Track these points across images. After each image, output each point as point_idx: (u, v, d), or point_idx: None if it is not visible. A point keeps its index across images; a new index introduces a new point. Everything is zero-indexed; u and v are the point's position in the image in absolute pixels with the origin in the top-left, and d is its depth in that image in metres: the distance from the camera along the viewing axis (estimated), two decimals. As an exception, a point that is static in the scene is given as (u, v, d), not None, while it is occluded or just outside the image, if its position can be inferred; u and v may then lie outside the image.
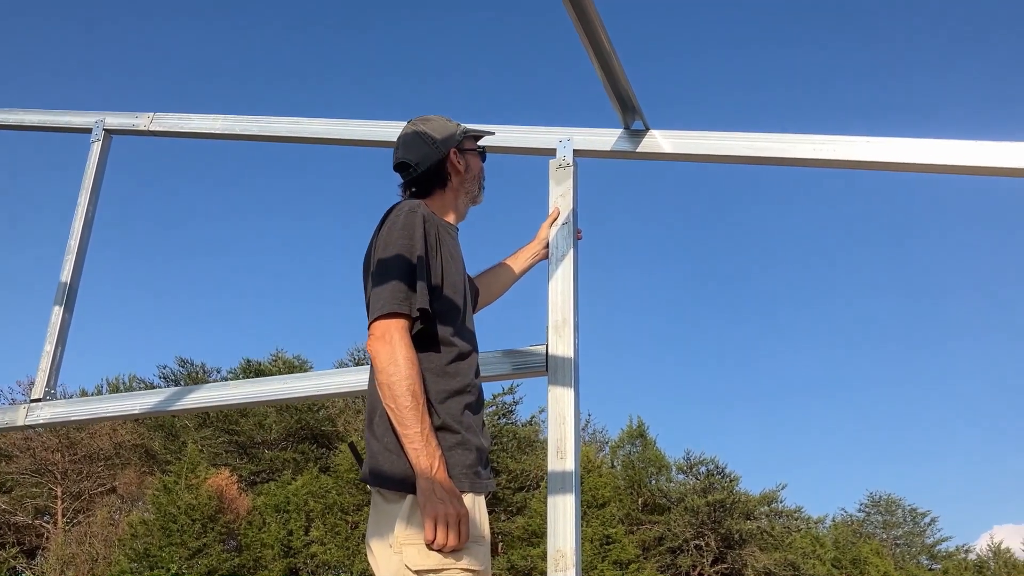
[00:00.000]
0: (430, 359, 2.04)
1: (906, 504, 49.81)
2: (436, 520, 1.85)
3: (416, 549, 1.88)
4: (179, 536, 27.25)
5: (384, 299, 1.98)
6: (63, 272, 3.22)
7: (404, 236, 2.05)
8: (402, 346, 1.93)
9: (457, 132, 2.34)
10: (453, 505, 1.87)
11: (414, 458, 1.90)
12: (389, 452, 1.96)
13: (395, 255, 2.03)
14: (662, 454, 38.07)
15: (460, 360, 2.08)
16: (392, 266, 2.02)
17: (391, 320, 1.96)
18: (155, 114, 3.37)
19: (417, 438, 1.89)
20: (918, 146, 2.33)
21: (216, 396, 2.90)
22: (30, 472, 31.79)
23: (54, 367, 3.10)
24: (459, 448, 2.00)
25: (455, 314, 2.11)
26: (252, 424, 33.62)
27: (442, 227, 2.19)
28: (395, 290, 1.98)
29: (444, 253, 2.13)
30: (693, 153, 2.57)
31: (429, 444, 1.89)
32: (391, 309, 1.96)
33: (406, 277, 2.00)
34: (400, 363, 1.92)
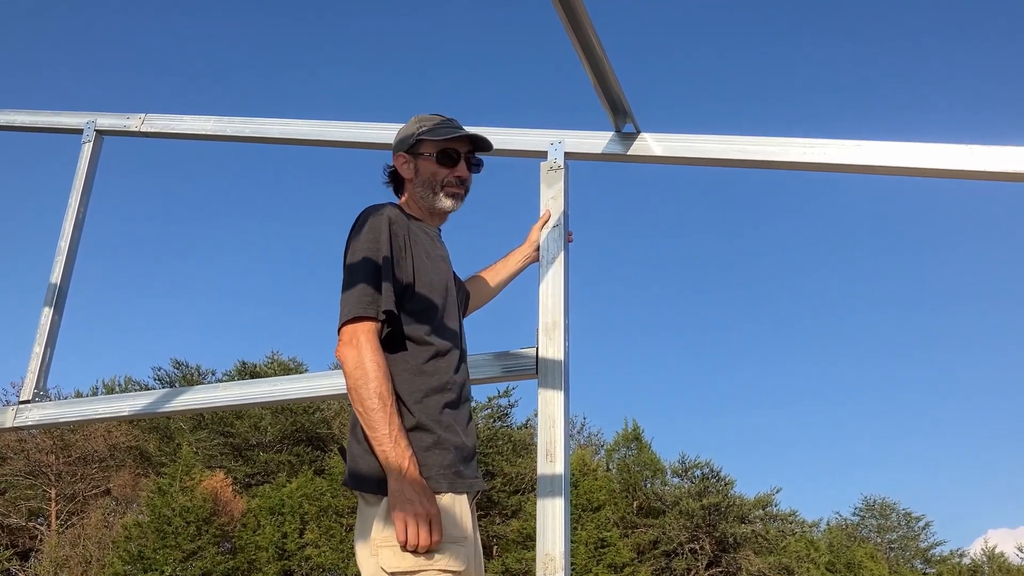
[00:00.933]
0: (405, 359, 2.05)
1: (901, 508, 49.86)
2: (405, 520, 1.86)
3: (391, 551, 1.89)
4: (174, 538, 27.17)
5: (350, 303, 2.00)
6: (53, 274, 3.21)
7: (369, 239, 2.06)
8: (368, 349, 1.94)
9: (413, 135, 2.33)
10: (423, 505, 1.87)
11: (383, 459, 1.91)
12: (367, 455, 1.96)
13: (361, 258, 2.04)
14: (657, 457, 38.03)
15: (438, 358, 2.08)
16: (358, 270, 2.03)
17: (358, 324, 1.97)
18: (146, 115, 3.37)
19: (385, 440, 1.90)
20: (908, 150, 2.33)
21: (206, 398, 2.89)
22: (24, 474, 31.67)
23: (43, 369, 3.09)
24: (436, 448, 2.00)
25: (431, 312, 2.11)
26: (247, 426, 33.53)
27: (415, 227, 2.20)
28: (361, 294, 1.99)
29: (417, 252, 2.13)
30: (684, 156, 2.58)
31: (398, 445, 1.90)
32: (356, 313, 1.98)
33: (372, 280, 2.01)
34: (366, 367, 1.93)
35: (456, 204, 2.32)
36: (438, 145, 2.29)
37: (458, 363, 2.15)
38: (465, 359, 2.24)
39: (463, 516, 1.99)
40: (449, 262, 2.29)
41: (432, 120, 2.34)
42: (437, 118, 2.35)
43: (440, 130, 2.30)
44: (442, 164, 2.29)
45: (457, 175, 2.30)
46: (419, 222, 2.26)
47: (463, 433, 2.09)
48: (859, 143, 2.39)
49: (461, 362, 2.18)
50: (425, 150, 2.31)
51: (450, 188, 2.29)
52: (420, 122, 2.35)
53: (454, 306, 2.22)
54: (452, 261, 2.47)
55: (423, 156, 2.31)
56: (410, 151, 2.33)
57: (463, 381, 2.16)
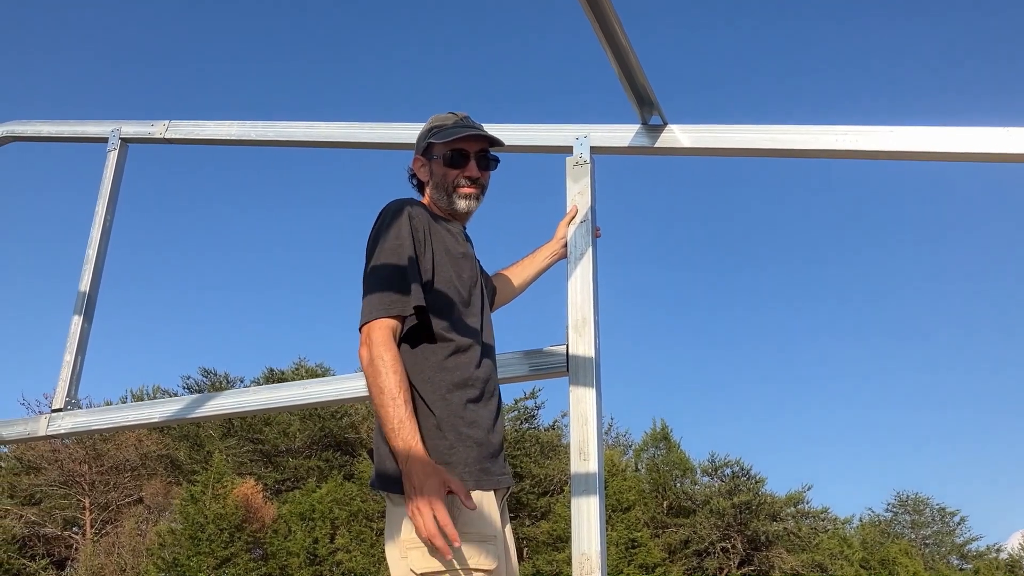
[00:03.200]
0: (425, 355, 2.04)
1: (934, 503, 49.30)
2: (413, 512, 1.82)
3: (421, 552, 1.86)
4: (207, 545, 27.39)
5: (371, 304, 1.99)
6: (81, 282, 3.22)
7: (390, 236, 2.06)
8: (380, 346, 1.93)
9: (424, 137, 2.32)
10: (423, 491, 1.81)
11: (393, 448, 1.89)
12: (392, 455, 1.94)
13: (382, 258, 2.03)
14: (686, 456, 37.86)
15: (459, 354, 2.07)
16: (379, 270, 2.03)
17: (373, 324, 1.97)
18: (171, 122, 3.37)
19: (391, 433, 1.88)
20: (944, 135, 2.28)
21: (235, 403, 2.89)
22: (58, 484, 32.05)
23: (74, 377, 3.10)
24: (460, 445, 1.98)
25: (449, 308, 2.09)
26: (276, 433, 33.75)
27: (436, 223, 2.17)
28: (381, 295, 1.99)
29: (437, 248, 2.12)
30: (712, 147, 2.53)
31: (400, 434, 1.87)
32: (375, 315, 1.97)
33: (394, 279, 2.00)
34: (376, 364, 1.92)
35: (470, 204, 2.28)
36: (446, 147, 2.27)
37: (480, 358, 2.12)
38: (491, 355, 2.20)
39: (492, 513, 1.96)
40: (473, 259, 2.26)
41: (444, 120, 2.32)
42: (450, 118, 2.32)
43: (448, 131, 2.27)
44: (451, 166, 2.26)
45: (467, 175, 2.26)
46: (443, 219, 2.24)
47: (489, 429, 2.06)
48: (892, 129, 2.34)
49: (484, 357, 2.14)
50: (436, 152, 2.29)
51: (462, 189, 2.26)
52: (433, 123, 2.34)
53: (478, 302, 2.20)
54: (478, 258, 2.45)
55: (435, 158, 2.29)
56: (424, 154, 2.33)
57: (487, 376, 2.12)
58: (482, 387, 2.09)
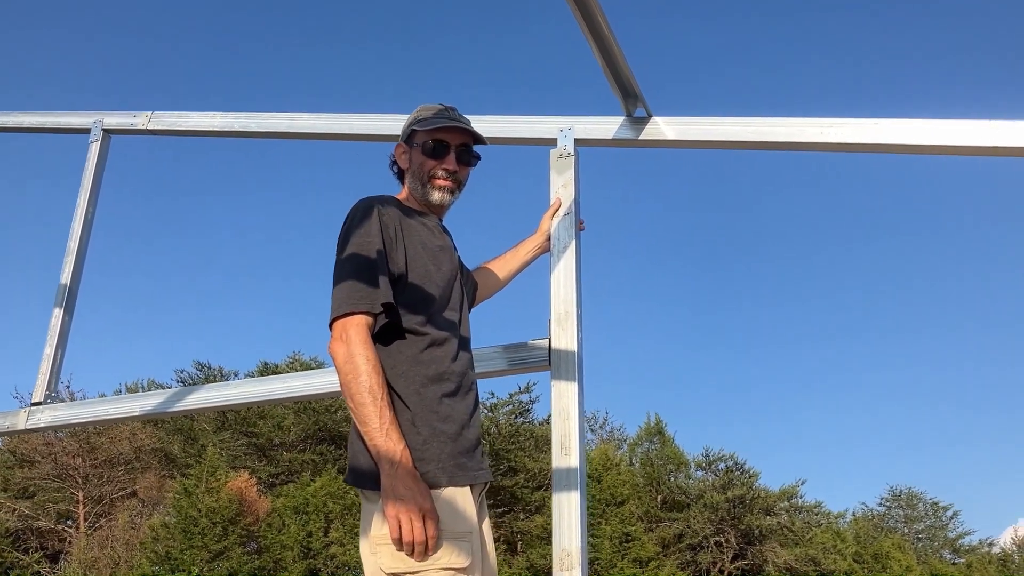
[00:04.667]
0: (400, 349, 2.02)
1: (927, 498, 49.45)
2: (398, 516, 1.81)
3: (390, 550, 1.85)
4: (200, 539, 27.38)
5: (340, 299, 1.96)
6: (63, 274, 3.19)
7: (359, 233, 2.03)
8: (357, 343, 1.91)
9: (409, 125, 2.30)
10: (415, 500, 1.82)
11: (374, 453, 1.87)
12: (366, 451, 1.92)
13: (351, 253, 2.01)
14: (680, 451, 37.91)
15: (434, 347, 2.04)
16: (348, 264, 2.00)
17: (347, 319, 1.94)
18: (153, 113, 3.34)
19: (376, 434, 1.86)
20: (928, 127, 2.26)
21: (219, 396, 2.86)
22: (52, 477, 32.03)
23: (54, 370, 3.07)
24: (434, 440, 1.95)
25: (426, 303, 2.07)
26: (270, 426, 33.70)
27: (409, 216, 2.15)
28: (351, 288, 1.96)
29: (411, 242, 2.09)
30: (697, 139, 2.51)
31: (389, 438, 1.86)
32: (346, 309, 1.94)
33: (364, 274, 1.98)
34: (355, 361, 1.89)
35: (444, 197, 2.24)
36: (427, 136, 2.24)
37: (456, 352, 2.09)
38: (467, 348, 2.18)
39: (466, 509, 1.94)
40: (452, 251, 2.23)
41: (430, 109, 2.29)
42: (436, 108, 2.30)
43: (432, 120, 2.24)
44: (430, 155, 2.23)
45: (445, 167, 2.23)
46: (418, 213, 2.22)
47: (464, 424, 2.03)
48: (876, 121, 2.32)
49: (461, 351, 2.12)
50: (417, 140, 2.26)
51: (437, 181, 2.23)
52: (419, 112, 2.31)
53: (456, 297, 2.17)
54: (461, 251, 2.43)
55: (415, 146, 2.27)
56: (407, 141, 2.30)
57: (463, 370, 2.10)
58: (458, 381, 2.06)
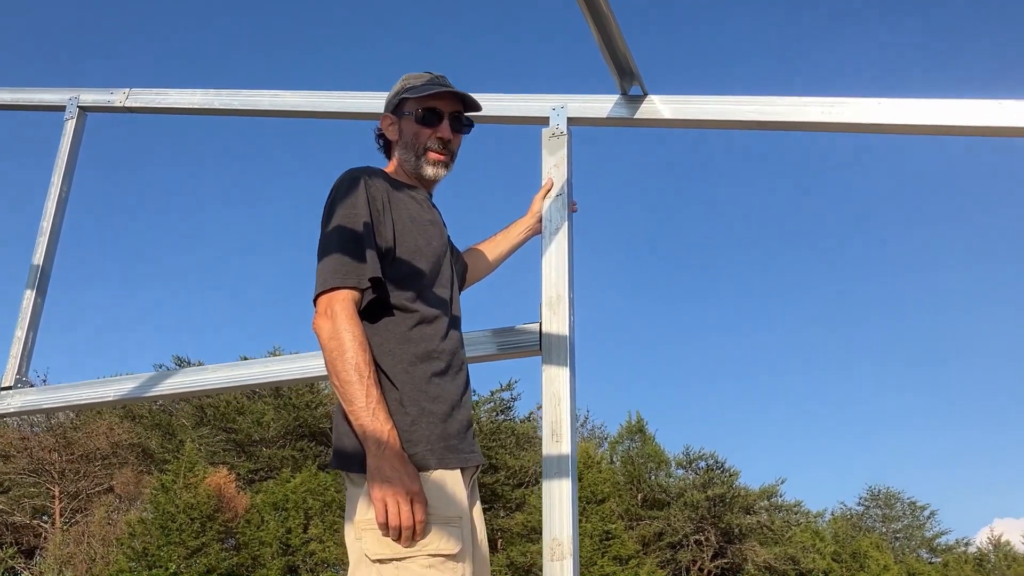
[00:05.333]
0: (388, 327, 1.93)
1: (905, 497, 49.78)
2: (384, 499, 1.73)
3: (375, 535, 1.76)
4: (178, 535, 27.09)
5: (325, 273, 1.87)
6: (35, 255, 3.08)
7: (345, 205, 1.94)
8: (343, 319, 1.82)
9: (398, 94, 2.19)
10: (403, 483, 1.74)
11: (360, 434, 1.78)
12: (352, 433, 1.83)
13: (337, 226, 1.92)
14: (661, 449, 37.95)
15: (424, 324, 1.96)
16: (334, 237, 1.91)
17: (333, 294, 1.85)
18: (131, 90, 3.23)
19: (362, 412, 1.77)
20: (933, 107, 2.20)
21: (196, 380, 2.76)
22: (27, 472, 31.62)
23: (25, 354, 2.96)
24: (422, 421, 1.87)
25: (415, 279, 1.98)
26: (250, 422, 33.45)
27: (397, 188, 2.06)
28: (337, 263, 1.87)
29: (399, 216, 2.00)
30: (694, 118, 2.44)
31: (376, 418, 1.77)
32: (332, 284, 1.85)
33: (350, 247, 1.89)
34: (341, 337, 1.80)
35: (438, 172, 2.16)
36: (420, 103, 2.15)
37: (447, 330, 2.01)
38: (458, 327, 2.10)
39: (456, 493, 1.86)
40: (441, 227, 2.15)
41: (419, 78, 2.20)
42: (425, 76, 2.21)
43: (423, 87, 2.15)
44: (423, 124, 2.14)
45: (439, 136, 2.14)
46: (407, 186, 2.13)
47: (455, 404, 1.95)
48: (880, 101, 2.26)
49: (451, 329, 2.04)
50: (408, 109, 2.16)
51: (432, 154, 2.14)
52: (406, 80, 2.21)
53: (446, 273, 2.09)
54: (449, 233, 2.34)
55: (406, 116, 2.17)
56: (395, 111, 2.20)
57: (453, 349, 2.02)
58: (448, 360, 1.98)
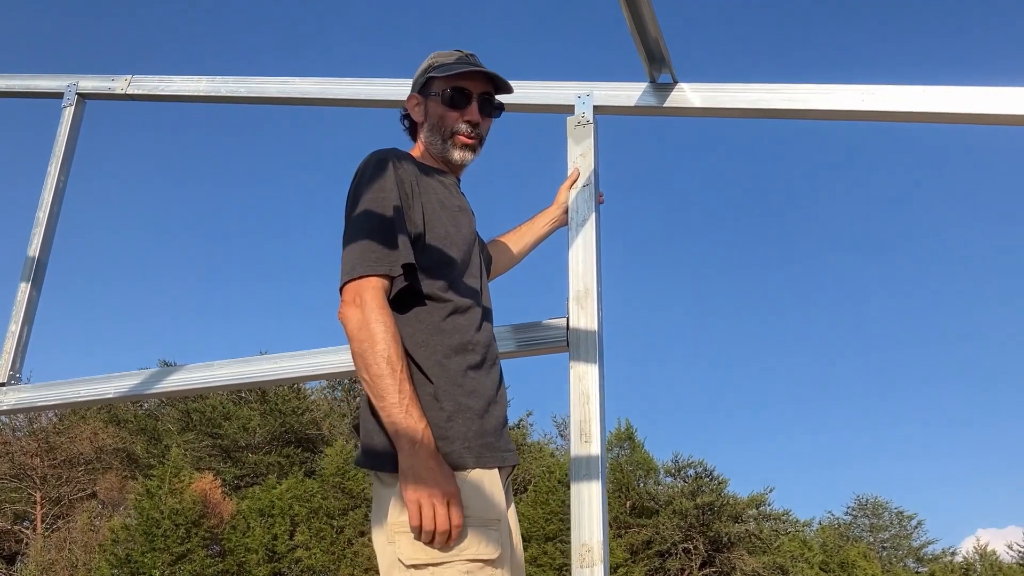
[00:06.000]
0: (420, 316, 1.81)
1: (892, 507, 49.88)
2: (419, 501, 1.61)
3: (409, 539, 1.64)
4: (162, 541, 26.79)
5: (353, 260, 1.75)
6: (31, 246, 2.96)
7: (373, 188, 1.82)
8: (374, 308, 1.70)
9: (424, 73, 2.08)
10: (439, 484, 1.62)
11: (392, 432, 1.66)
12: (382, 430, 1.71)
13: (364, 210, 1.80)
14: (650, 457, 37.84)
15: (457, 315, 1.84)
16: (361, 222, 1.79)
17: (362, 281, 1.73)
18: (133, 76, 3.11)
19: (394, 409, 1.65)
20: (983, 95, 2.10)
21: (197, 377, 2.63)
22: (8, 477, 31.23)
23: (20, 349, 2.84)
24: (459, 417, 1.75)
25: (447, 267, 1.86)
26: (236, 428, 33.16)
27: (425, 172, 1.94)
28: (366, 248, 1.75)
29: (428, 201, 1.88)
30: (724, 107, 2.34)
31: (409, 415, 1.65)
32: (363, 271, 1.73)
33: (380, 232, 1.77)
34: (372, 328, 1.68)
35: (466, 156, 2.05)
36: (447, 83, 2.03)
37: (480, 321, 1.90)
38: (490, 319, 1.99)
39: (495, 494, 1.74)
40: (470, 214, 2.04)
41: (448, 56, 2.08)
42: (454, 54, 2.09)
43: (452, 66, 2.03)
44: (451, 106, 2.02)
45: (467, 119, 2.02)
46: (435, 171, 2.02)
47: (491, 400, 1.84)
48: (925, 88, 2.16)
49: (485, 320, 1.93)
50: (435, 89, 2.05)
51: (460, 138, 2.02)
52: (434, 58, 2.10)
53: (476, 261, 1.98)
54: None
55: (433, 96, 2.05)
56: (422, 91, 2.09)
57: (487, 341, 1.91)
58: (484, 352, 1.87)
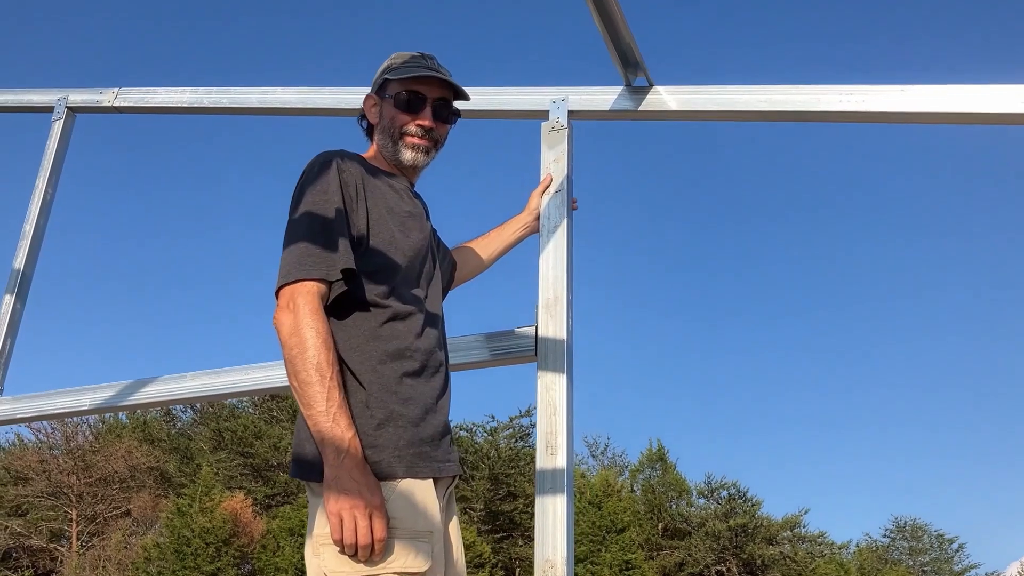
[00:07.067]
0: (357, 322, 1.76)
1: (932, 530, 48.79)
2: (340, 513, 1.56)
3: (334, 551, 1.59)
4: (193, 560, 26.96)
5: (291, 263, 1.71)
6: (16, 259, 2.97)
7: (315, 190, 1.78)
8: (307, 314, 1.65)
9: (382, 74, 2.03)
10: (362, 496, 1.57)
11: (318, 440, 1.61)
12: (312, 439, 1.66)
13: (304, 212, 1.75)
14: (682, 478, 37.47)
15: (395, 321, 1.78)
16: (301, 225, 1.75)
17: (297, 286, 1.69)
18: (120, 89, 3.13)
19: (321, 418, 1.60)
20: (963, 93, 2.04)
21: (173, 389, 2.62)
22: (45, 495, 31.66)
23: (2, 362, 2.84)
24: (389, 425, 1.69)
25: (389, 272, 1.81)
26: (267, 447, 33.36)
27: (374, 175, 1.89)
28: (303, 252, 1.71)
29: (374, 204, 1.83)
30: (702, 110, 2.28)
31: (336, 424, 1.60)
32: (298, 275, 1.69)
33: (319, 235, 1.72)
34: (303, 333, 1.64)
35: (417, 157, 1.98)
36: (402, 85, 1.98)
37: (422, 327, 1.84)
38: (436, 325, 1.92)
39: (427, 506, 1.68)
40: (422, 219, 1.98)
41: (405, 57, 2.03)
42: (411, 55, 2.03)
43: (407, 68, 1.98)
44: (403, 109, 1.97)
45: (420, 123, 1.97)
46: (385, 173, 1.96)
47: (429, 408, 1.78)
48: (903, 88, 2.10)
49: (428, 327, 1.87)
50: (390, 91, 2.00)
51: (409, 138, 1.97)
52: (392, 60, 2.05)
53: (426, 268, 1.93)
54: (440, 229, 2.19)
55: (387, 98, 2.01)
56: (379, 92, 2.04)
57: (429, 349, 1.84)
58: (423, 360, 1.80)
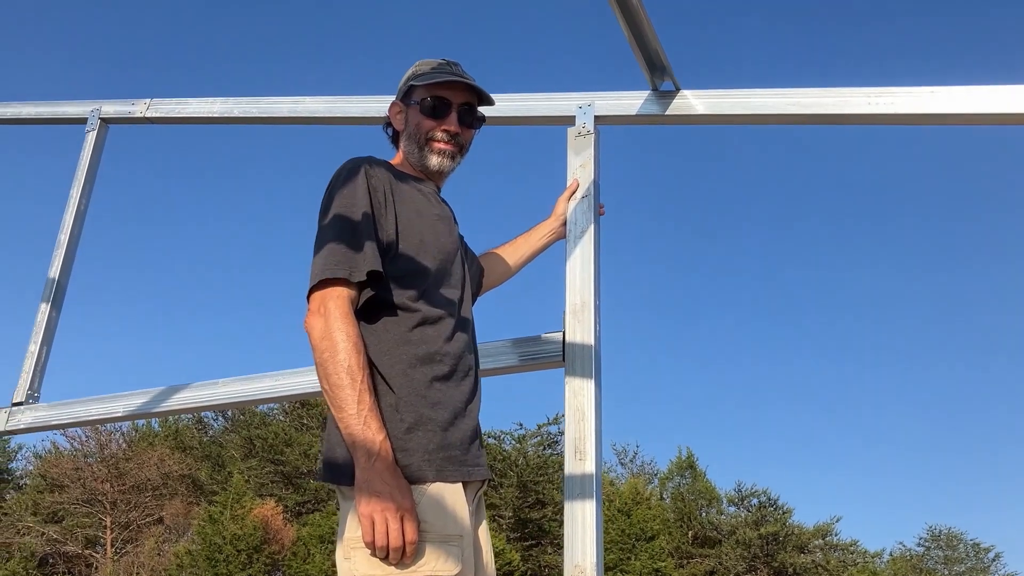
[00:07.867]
0: (387, 326, 1.77)
1: (968, 538, 48.01)
2: (372, 516, 1.57)
3: (365, 555, 1.59)
4: (224, 567, 27.16)
5: (319, 266, 1.73)
6: (51, 268, 3.03)
7: (343, 195, 1.80)
8: (337, 317, 1.67)
9: (407, 81, 2.05)
10: (393, 499, 1.57)
11: (349, 443, 1.62)
12: (344, 442, 1.67)
13: (333, 216, 1.77)
14: (712, 486, 37.20)
15: (426, 325, 1.80)
16: (330, 228, 1.77)
17: (327, 290, 1.70)
18: (152, 100, 3.18)
19: (352, 420, 1.61)
20: (995, 94, 2.01)
21: (206, 395, 2.65)
22: (81, 502, 32.09)
23: (39, 368, 2.89)
24: (419, 429, 1.70)
25: (419, 276, 1.82)
26: (298, 454, 33.56)
27: (401, 179, 1.91)
28: (331, 254, 1.73)
29: (403, 208, 1.85)
30: (729, 114, 2.28)
31: (367, 427, 1.61)
32: (325, 276, 1.71)
33: (347, 238, 1.74)
34: (334, 337, 1.66)
35: (443, 163, 2.00)
36: (426, 92, 2.00)
37: (452, 332, 1.85)
38: (466, 330, 1.93)
39: (457, 509, 1.69)
40: (451, 222, 2.00)
41: (430, 64, 2.05)
42: (437, 62, 2.05)
43: (432, 74, 2.00)
44: (429, 115, 1.99)
45: (445, 128, 1.98)
46: (413, 179, 1.98)
47: (459, 412, 1.78)
48: (933, 89, 2.08)
49: (458, 331, 1.88)
50: (416, 97, 2.02)
51: (436, 144, 1.98)
52: (417, 67, 2.07)
53: (456, 272, 1.94)
54: (468, 236, 2.20)
55: (413, 104, 2.03)
56: (404, 99, 2.06)
57: (459, 352, 1.85)
58: (453, 364, 1.81)
